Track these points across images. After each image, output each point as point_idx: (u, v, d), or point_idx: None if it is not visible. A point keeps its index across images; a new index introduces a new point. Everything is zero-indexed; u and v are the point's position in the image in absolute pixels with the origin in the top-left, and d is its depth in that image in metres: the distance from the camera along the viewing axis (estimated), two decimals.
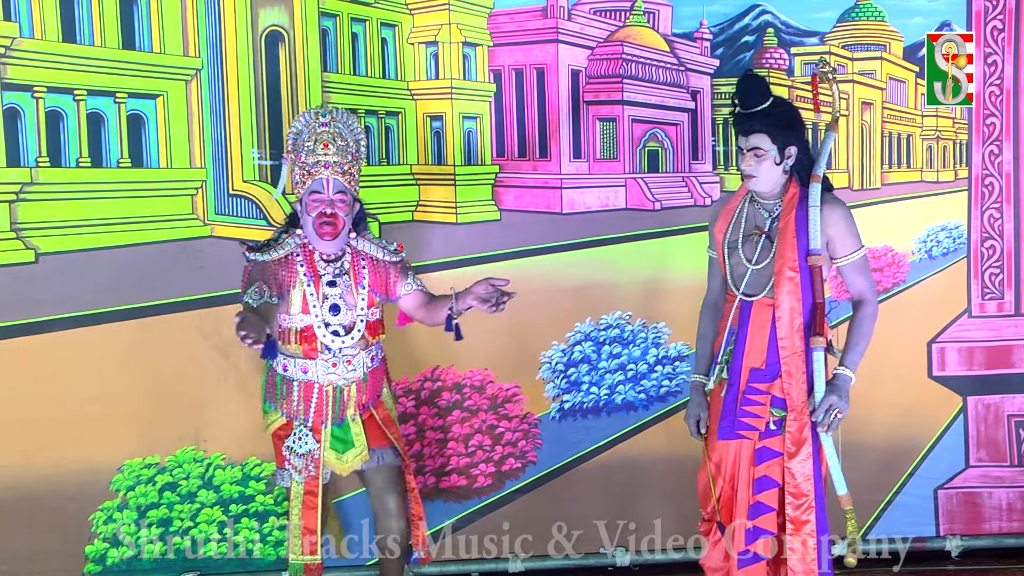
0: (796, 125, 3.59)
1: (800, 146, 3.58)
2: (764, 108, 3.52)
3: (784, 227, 3.55)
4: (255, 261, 3.68)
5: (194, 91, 4.39)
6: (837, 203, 3.60)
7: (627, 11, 4.70)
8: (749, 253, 3.62)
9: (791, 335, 3.53)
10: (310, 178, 3.66)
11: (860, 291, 3.63)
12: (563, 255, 4.65)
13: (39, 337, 4.32)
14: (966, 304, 4.86)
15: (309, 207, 3.66)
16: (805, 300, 3.54)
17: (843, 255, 3.59)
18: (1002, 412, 4.88)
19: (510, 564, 4.68)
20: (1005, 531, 4.88)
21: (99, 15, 4.28)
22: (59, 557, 4.41)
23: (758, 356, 3.58)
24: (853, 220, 3.61)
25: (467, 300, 3.64)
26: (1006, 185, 4.83)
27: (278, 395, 3.78)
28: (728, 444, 3.63)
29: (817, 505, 3.56)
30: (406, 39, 4.58)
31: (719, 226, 3.72)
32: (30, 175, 4.27)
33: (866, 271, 3.64)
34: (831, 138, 3.71)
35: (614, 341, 4.71)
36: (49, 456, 4.36)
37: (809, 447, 3.54)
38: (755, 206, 3.66)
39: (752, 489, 3.59)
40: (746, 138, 3.54)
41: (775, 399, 3.56)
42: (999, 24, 4.77)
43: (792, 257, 3.52)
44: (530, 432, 4.70)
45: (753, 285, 3.59)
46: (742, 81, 3.61)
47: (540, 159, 4.67)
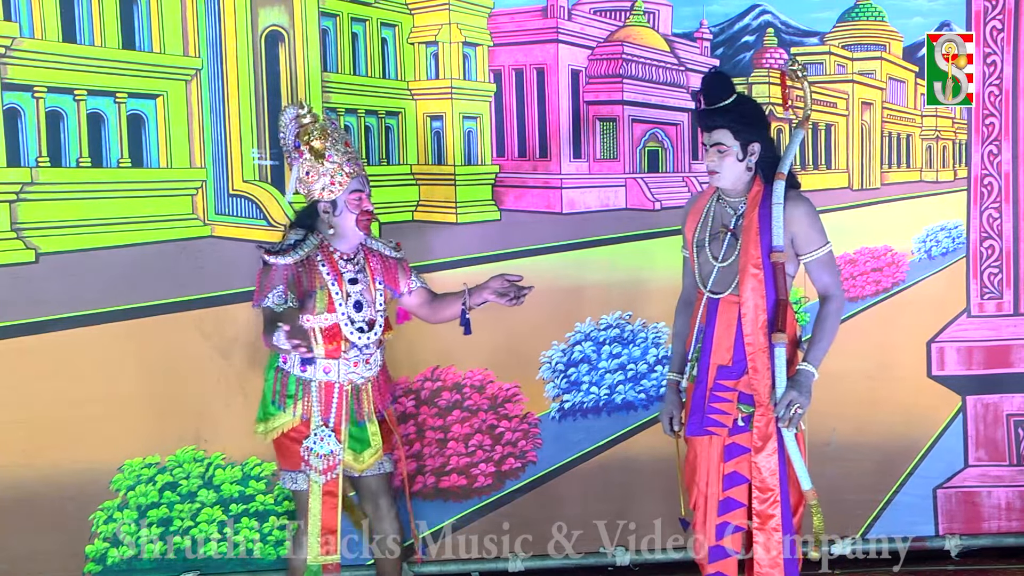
0: (759, 122, 3.61)
1: (764, 143, 3.61)
2: (727, 104, 3.55)
3: (748, 224, 3.58)
4: (275, 265, 3.63)
5: (194, 91, 4.39)
6: (801, 200, 3.61)
7: (627, 11, 4.71)
8: (716, 251, 3.65)
9: (756, 331, 3.56)
10: (347, 179, 3.67)
11: (825, 287, 3.64)
12: (563, 255, 4.65)
13: (39, 337, 4.31)
14: (965, 304, 4.87)
15: (350, 204, 3.69)
16: (768, 297, 3.57)
17: (808, 251, 3.61)
18: (1001, 411, 4.89)
19: (510, 564, 4.68)
20: (1004, 530, 4.89)
21: (99, 15, 4.27)
22: (59, 557, 4.41)
23: (725, 353, 3.62)
24: (817, 217, 3.62)
25: (483, 295, 3.77)
26: (1005, 185, 4.84)
27: (291, 397, 3.75)
28: (699, 441, 3.67)
29: (783, 500, 3.59)
30: (406, 39, 4.58)
31: (689, 225, 3.76)
32: (30, 175, 4.27)
33: (831, 267, 3.64)
34: (799, 136, 3.71)
35: (614, 341, 4.72)
36: (49, 456, 4.36)
37: (775, 442, 3.57)
38: (722, 204, 3.69)
39: (722, 485, 3.63)
40: (709, 134, 3.58)
41: (742, 395, 3.60)
42: (999, 24, 4.77)
43: (756, 254, 3.55)
44: (530, 432, 4.71)
45: (719, 283, 3.63)
46: (706, 78, 3.66)
47: (540, 159, 4.67)
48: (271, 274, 3.63)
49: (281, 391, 3.75)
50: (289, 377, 3.74)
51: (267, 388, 3.81)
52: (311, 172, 3.67)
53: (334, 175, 3.67)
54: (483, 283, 3.81)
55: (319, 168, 3.65)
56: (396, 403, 4.56)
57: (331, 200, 3.69)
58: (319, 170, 3.66)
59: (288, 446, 3.75)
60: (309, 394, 3.74)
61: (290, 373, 3.74)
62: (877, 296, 4.82)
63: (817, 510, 3.65)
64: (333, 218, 3.70)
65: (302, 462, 3.72)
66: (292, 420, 3.74)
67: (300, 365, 3.73)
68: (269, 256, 3.62)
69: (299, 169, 3.70)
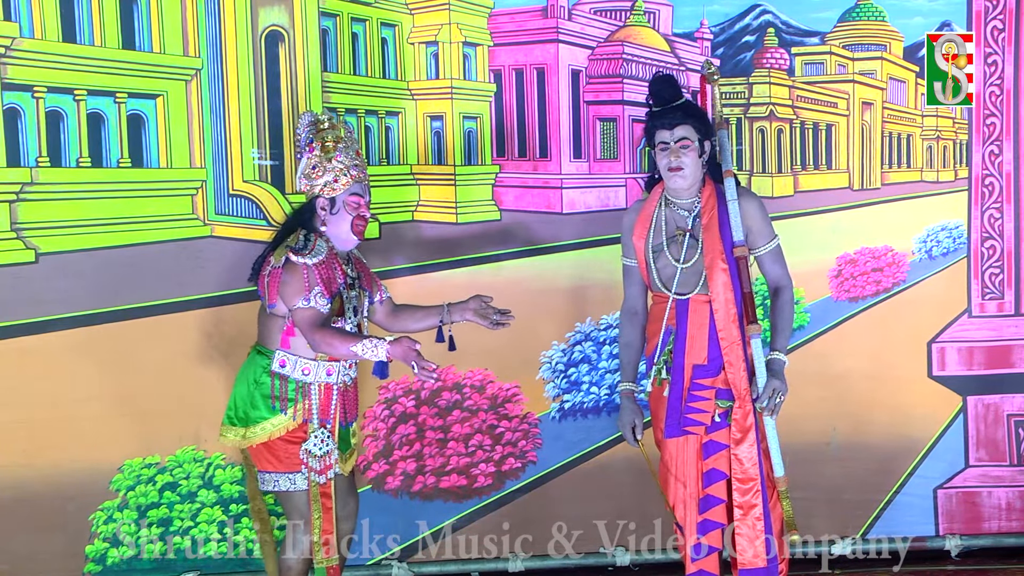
0: (708, 120, 3.76)
1: (712, 142, 3.74)
2: (682, 102, 3.70)
3: (708, 223, 3.68)
4: (303, 264, 3.62)
5: (194, 91, 4.39)
6: (752, 196, 3.79)
7: (627, 11, 4.70)
8: (676, 253, 3.71)
9: (728, 326, 3.65)
10: (350, 180, 3.71)
11: (777, 278, 3.78)
12: (563, 255, 4.65)
13: (39, 337, 4.31)
14: (966, 304, 4.86)
15: (348, 207, 3.71)
16: (736, 291, 3.66)
17: (761, 245, 3.74)
18: (1002, 412, 4.88)
19: (510, 564, 4.68)
20: (1005, 531, 4.88)
21: (99, 15, 4.27)
22: (59, 557, 4.41)
23: (700, 352, 3.68)
24: (766, 211, 3.77)
25: (464, 314, 3.86)
26: (1006, 185, 4.83)
27: (291, 399, 3.74)
28: (675, 441, 3.71)
29: (762, 492, 3.64)
30: (406, 39, 4.58)
31: (638, 233, 3.80)
32: (30, 175, 4.26)
33: (781, 259, 3.78)
34: (724, 136, 3.80)
35: (614, 341, 4.71)
36: (49, 456, 4.36)
37: (754, 433, 3.65)
38: (672, 208, 3.76)
39: (701, 483, 3.68)
40: (671, 131, 3.66)
41: (720, 391, 3.67)
42: (999, 24, 4.77)
43: (721, 250, 3.65)
44: (530, 432, 4.70)
45: (684, 283, 3.70)
46: (655, 81, 3.79)
47: (540, 159, 4.67)
48: (303, 274, 3.60)
49: (282, 395, 3.73)
50: (288, 380, 3.74)
51: (248, 392, 3.76)
52: (317, 167, 3.71)
53: (338, 175, 3.71)
54: (462, 301, 3.89)
55: (325, 165, 3.70)
56: (396, 403, 4.58)
57: (331, 197, 3.70)
58: (325, 167, 3.70)
59: (284, 448, 3.74)
60: (309, 396, 3.73)
61: (289, 377, 3.74)
62: (878, 296, 4.81)
63: (786, 496, 3.70)
64: (329, 216, 3.71)
65: (301, 464, 3.72)
66: (290, 423, 3.73)
67: (301, 368, 3.72)
68: (296, 256, 3.61)
69: (306, 164, 3.74)
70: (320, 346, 3.60)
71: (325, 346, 3.59)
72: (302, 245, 3.66)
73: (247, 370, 3.80)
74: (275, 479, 3.77)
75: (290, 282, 3.61)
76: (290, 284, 3.60)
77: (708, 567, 3.69)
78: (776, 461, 3.66)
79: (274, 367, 3.74)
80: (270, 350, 3.75)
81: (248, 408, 3.76)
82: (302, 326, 3.61)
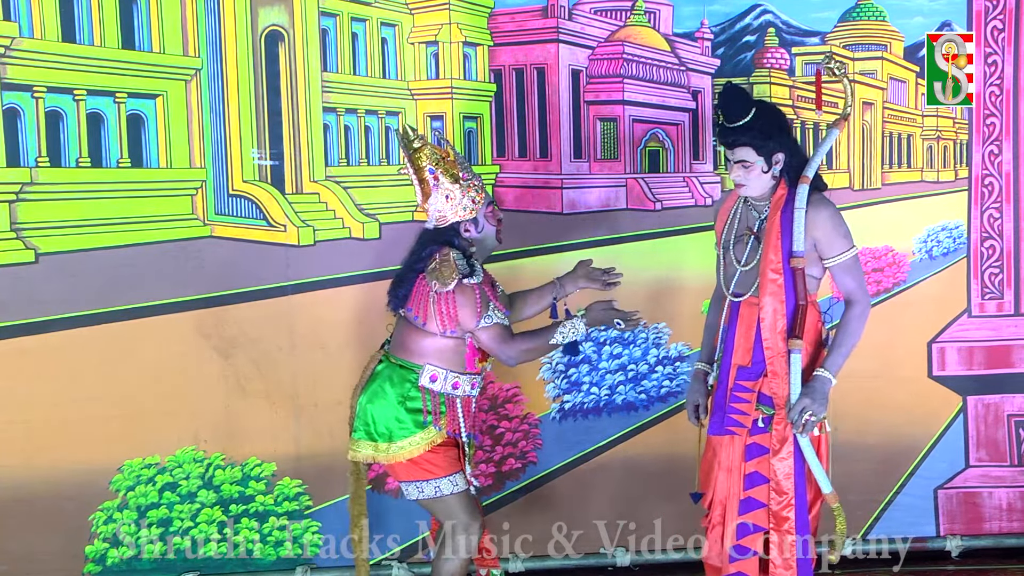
0: (780, 132, 3.59)
1: (787, 150, 3.59)
2: (747, 122, 3.52)
3: (769, 229, 3.57)
4: (477, 285, 3.64)
5: (194, 91, 4.39)
6: (824, 204, 3.59)
7: (628, 11, 4.70)
8: (739, 254, 3.65)
9: (774, 336, 3.55)
10: (482, 194, 3.75)
11: (849, 291, 3.61)
12: (563, 255, 4.65)
13: (39, 337, 4.32)
14: (966, 304, 4.86)
15: (490, 218, 3.77)
16: (788, 302, 3.55)
17: (831, 256, 3.58)
18: (1002, 412, 4.88)
19: (510, 564, 4.68)
20: (1005, 531, 4.88)
21: (99, 15, 4.27)
22: (59, 557, 4.41)
23: (745, 354, 3.63)
24: (842, 220, 3.60)
25: (576, 283, 3.93)
26: (1006, 185, 4.83)
27: (441, 413, 3.73)
28: (719, 440, 3.68)
29: (798, 503, 3.58)
30: (406, 39, 4.58)
31: (718, 226, 3.79)
32: (30, 175, 4.27)
33: (855, 271, 3.61)
34: (833, 136, 3.70)
35: (615, 341, 4.71)
36: (49, 456, 4.36)
37: (791, 445, 3.57)
38: (748, 206, 3.69)
39: (743, 485, 3.62)
40: (732, 151, 3.57)
41: (762, 396, 3.59)
42: (999, 24, 4.77)
43: (775, 259, 3.54)
44: (530, 432, 4.70)
45: (741, 285, 3.64)
46: (724, 95, 3.60)
47: (540, 159, 4.67)
48: (476, 294, 3.62)
49: (434, 409, 3.71)
50: (439, 395, 3.72)
51: (394, 407, 3.72)
52: (450, 196, 3.71)
53: (468, 192, 3.73)
54: (570, 272, 3.95)
55: (456, 189, 3.71)
56: None
57: (472, 218, 3.72)
58: (456, 190, 3.71)
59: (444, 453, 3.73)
60: (454, 408, 3.74)
61: (439, 392, 3.72)
62: (878, 296, 4.81)
63: (840, 513, 3.66)
64: (475, 236, 3.74)
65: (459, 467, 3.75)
66: (437, 436, 3.72)
67: (452, 382, 3.72)
68: (467, 279, 3.62)
69: (438, 196, 3.71)
70: (518, 356, 3.65)
71: (523, 354, 3.65)
72: (467, 269, 3.65)
73: (386, 384, 3.75)
74: (435, 485, 3.73)
75: (466, 304, 3.62)
76: (466, 307, 3.62)
77: (747, 570, 3.61)
78: (820, 479, 3.59)
79: (423, 381, 3.71)
80: (418, 364, 3.71)
81: (393, 424, 3.72)
82: (491, 344, 3.64)
